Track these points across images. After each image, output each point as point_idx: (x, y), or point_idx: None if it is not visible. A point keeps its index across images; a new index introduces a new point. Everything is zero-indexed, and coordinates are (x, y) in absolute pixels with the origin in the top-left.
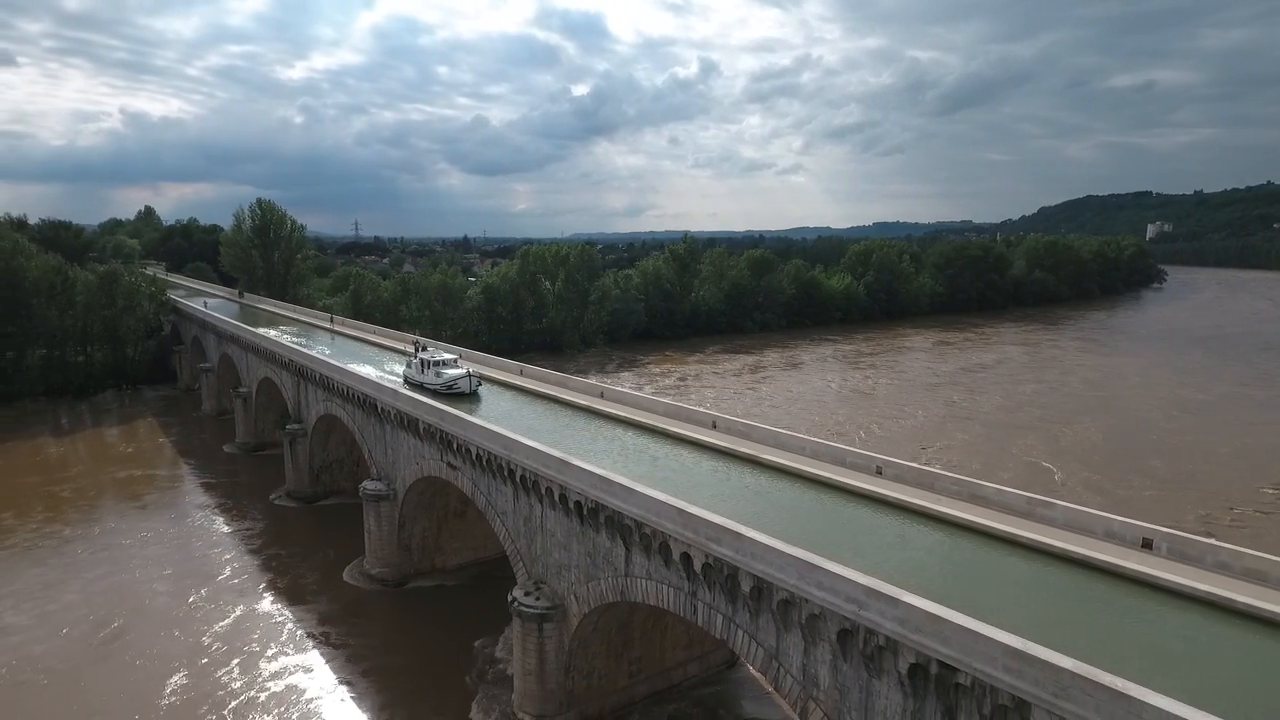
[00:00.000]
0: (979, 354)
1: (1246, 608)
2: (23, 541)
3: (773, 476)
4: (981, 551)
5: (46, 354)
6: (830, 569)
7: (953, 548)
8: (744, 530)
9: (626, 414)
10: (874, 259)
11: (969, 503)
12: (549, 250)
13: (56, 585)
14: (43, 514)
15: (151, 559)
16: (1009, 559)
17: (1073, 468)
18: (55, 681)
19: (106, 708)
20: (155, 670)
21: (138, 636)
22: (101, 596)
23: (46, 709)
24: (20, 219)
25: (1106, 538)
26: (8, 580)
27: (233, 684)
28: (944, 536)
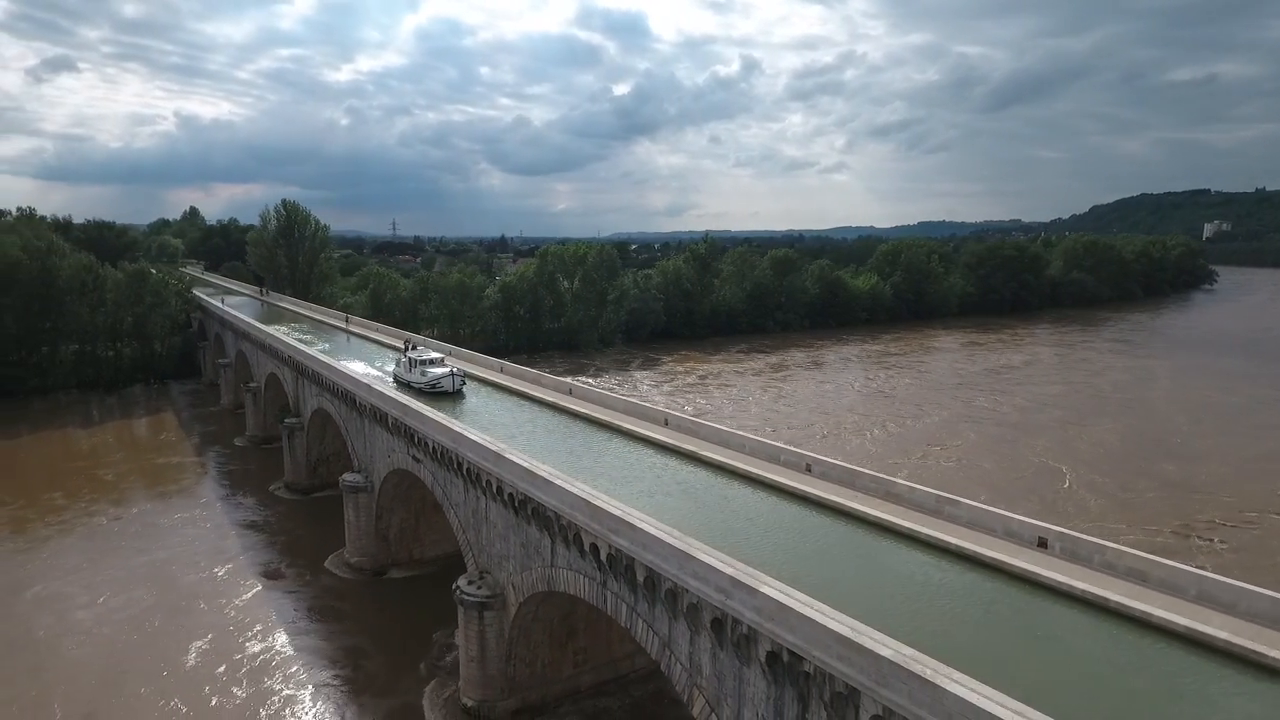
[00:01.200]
0: (1008, 355)
1: (1118, 606)
2: (72, 519)
3: (709, 472)
4: (879, 546)
5: (79, 349)
6: (702, 559)
7: (853, 543)
8: (636, 521)
9: (587, 410)
10: (902, 259)
11: (884, 500)
12: (567, 250)
13: (98, 561)
14: (89, 494)
15: (157, 543)
16: (906, 554)
17: (1082, 470)
18: (90, 642)
19: (129, 666)
20: (150, 640)
21: (138, 609)
22: (125, 573)
23: (80, 664)
24: (66, 219)
25: (1006, 536)
26: (60, 553)
27: (202, 660)
28: (847, 532)
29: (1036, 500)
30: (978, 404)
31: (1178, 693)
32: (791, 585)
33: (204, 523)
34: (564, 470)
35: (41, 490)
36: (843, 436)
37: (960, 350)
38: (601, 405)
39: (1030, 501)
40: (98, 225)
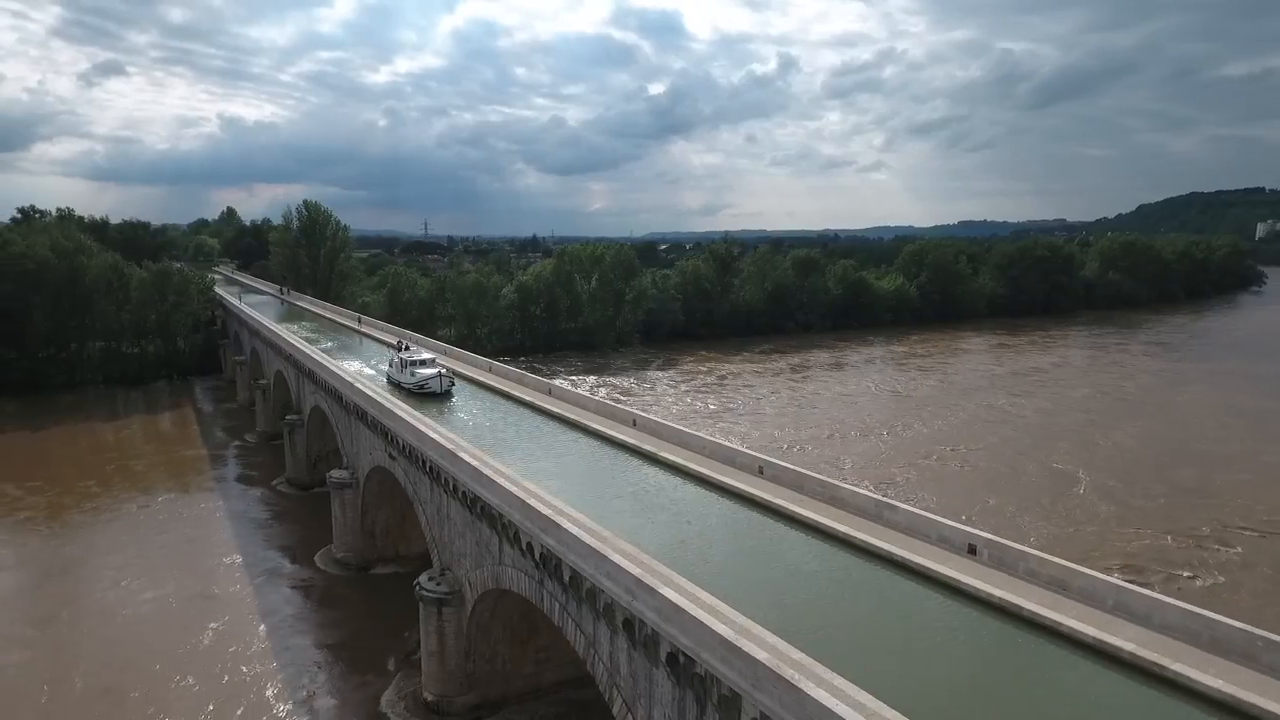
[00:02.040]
0: (1036, 358)
1: (1032, 614)
2: (102, 506)
3: (664, 473)
4: (811, 549)
5: (105, 346)
6: (613, 558)
7: (785, 546)
8: (562, 521)
9: (561, 410)
10: (928, 259)
11: (827, 503)
12: (585, 250)
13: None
14: (104, 485)
15: (167, 532)
16: (836, 558)
17: (1097, 475)
18: (103, 621)
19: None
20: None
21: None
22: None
23: (88, 637)
24: (103, 220)
25: (939, 542)
26: (86, 538)
27: (178, 648)
28: (782, 535)
29: (1045, 505)
30: (999, 407)
31: (1069, 702)
32: (707, 587)
33: (210, 515)
34: (523, 469)
35: (74, 479)
36: (854, 438)
37: (988, 352)
38: (576, 405)
39: (1038, 506)
40: (132, 225)
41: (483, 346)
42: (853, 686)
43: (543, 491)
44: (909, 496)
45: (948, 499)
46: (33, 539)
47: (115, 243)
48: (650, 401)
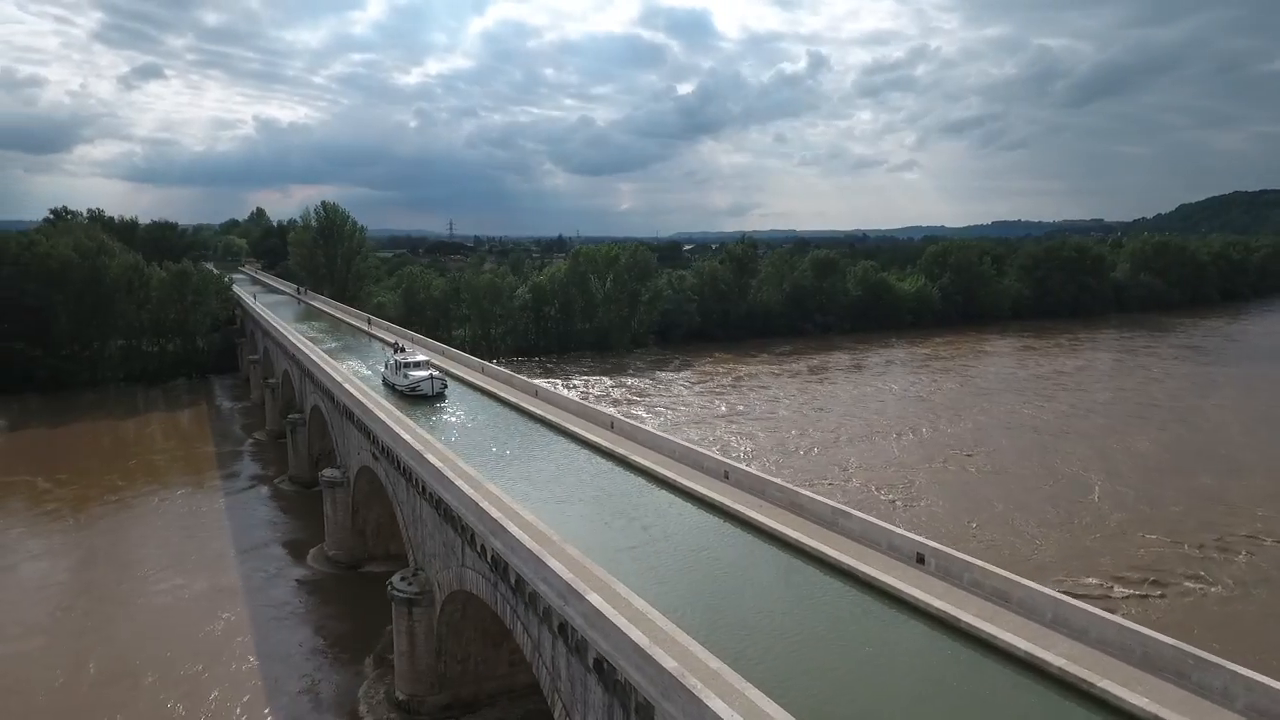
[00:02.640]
0: (1062, 361)
1: (968, 626)
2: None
3: (632, 477)
4: (765, 558)
5: (125, 344)
6: (548, 563)
7: (738, 553)
8: (508, 524)
9: (543, 411)
10: (951, 260)
11: (786, 510)
12: (600, 250)
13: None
14: (115, 479)
15: (161, 535)
16: (785, 566)
17: (1111, 481)
18: (123, 605)
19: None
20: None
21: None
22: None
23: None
24: (132, 220)
25: (889, 550)
26: (101, 530)
27: (163, 639)
28: (737, 542)
29: (1053, 511)
30: (1017, 410)
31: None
32: (647, 593)
33: (213, 510)
34: (490, 473)
35: (99, 472)
36: (865, 441)
37: (1011, 355)
38: (558, 408)
39: (1046, 512)
40: (160, 226)
41: (497, 347)
42: (764, 698)
43: (504, 494)
44: (915, 500)
45: (953, 503)
46: (57, 530)
47: (144, 243)
48: (665, 403)
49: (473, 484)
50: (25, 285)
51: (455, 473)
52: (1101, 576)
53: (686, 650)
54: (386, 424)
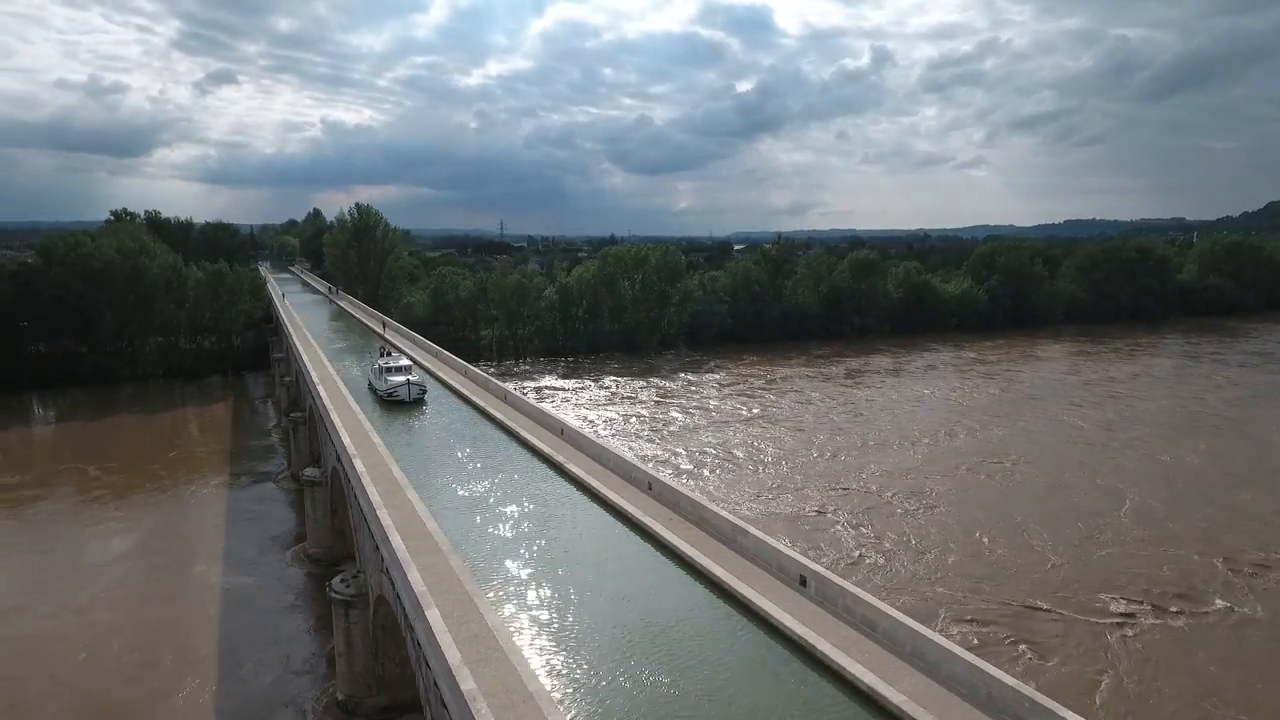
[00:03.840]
0: (1117, 367)
1: (824, 655)
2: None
3: (561, 485)
4: (650, 575)
5: (164, 341)
6: (409, 576)
7: (623, 570)
8: (392, 535)
9: (504, 416)
10: (1000, 261)
11: (694, 525)
12: (629, 251)
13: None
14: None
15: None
16: (665, 584)
17: (1145, 494)
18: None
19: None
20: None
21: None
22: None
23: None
24: (188, 221)
25: (776, 571)
26: (121, 519)
27: (128, 627)
28: (633, 555)
29: (1074, 523)
30: (1060, 417)
31: None
32: (506, 608)
33: (214, 504)
34: (426, 478)
35: (141, 462)
36: (893, 446)
37: (1062, 360)
38: (521, 413)
39: (1067, 525)
40: (214, 226)
41: (524, 347)
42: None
43: (420, 502)
44: (929, 509)
45: (968, 513)
46: (103, 515)
47: (198, 243)
48: (691, 405)
49: (386, 492)
50: (71, 285)
51: (374, 479)
52: (1108, 597)
53: (506, 670)
54: (337, 426)
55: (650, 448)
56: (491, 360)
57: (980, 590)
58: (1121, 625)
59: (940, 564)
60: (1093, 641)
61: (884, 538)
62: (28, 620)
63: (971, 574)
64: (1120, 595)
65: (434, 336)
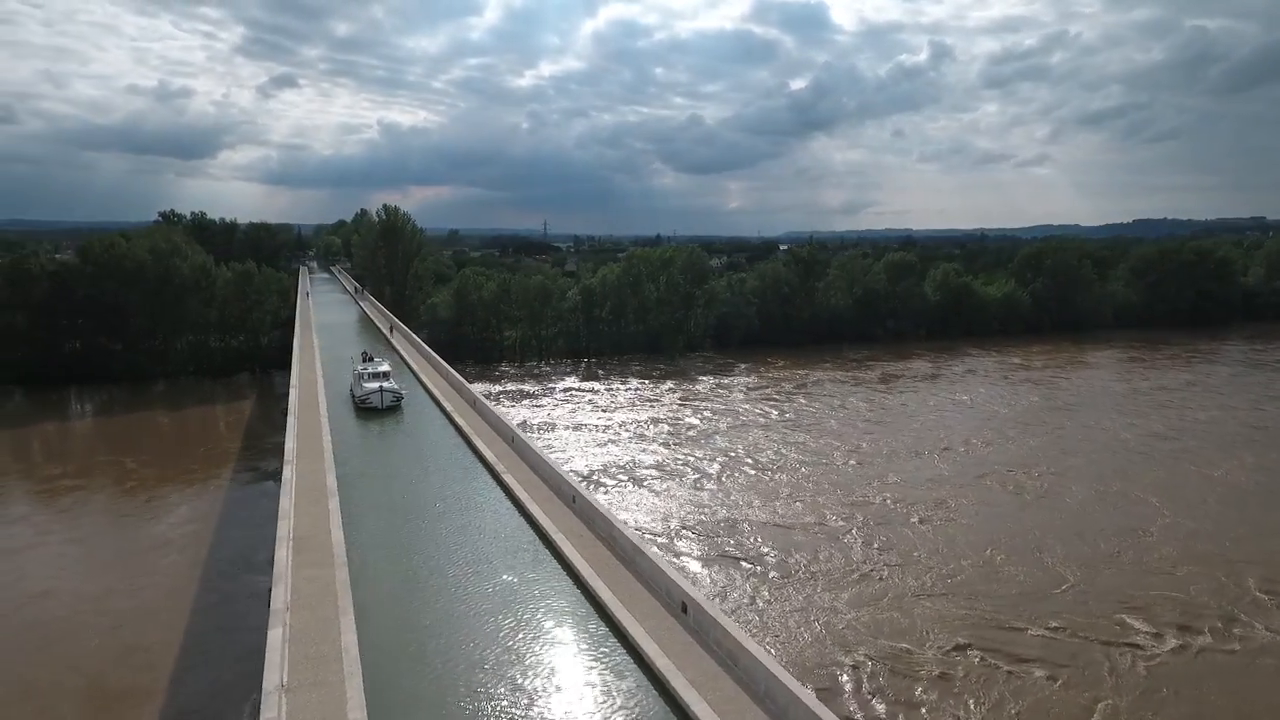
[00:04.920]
0: (1171, 374)
1: (675, 689)
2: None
3: (492, 494)
4: (536, 597)
5: (194, 340)
6: (275, 590)
7: (516, 590)
8: (280, 548)
9: (467, 422)
10: (1047, 263)
11: (601, 543)
12: (653, 252)
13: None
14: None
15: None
16: (549, 608)
17: (1181, 510)
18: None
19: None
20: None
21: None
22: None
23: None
24: (232, 221)
25: (664, 595)
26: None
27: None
28: (532, 572)
29: (1099, 543)
30: (1104, 428)
31: None
32: (381, 625)
33: (209, 502)
34: (356, 486)
35: (173, 457)
36: (917, 455)
37: (1111, 367)
38: (484, 420)
39: (1089, 544)
40: (257, 227)
41: (547, 348)
42: None
43: (335, 511)
44: (945, 521)
45: (986, 527)
46: (134, 506)
47: (241, 244)
48: (710, 408)
49: (311, 500)
50: (105, 284)
51: (303, 486)
52: (1118, 620)
53: (333, 697)
54: (288, 430)
55: (665, 452)
56: (514, 361)
57: (980, 608)
58: (1127, 650)
59: (941, 579)
60: (1093, 667)
61: (888, 550)
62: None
63: (975, 591)
64: (1132, 619)
65: (457, 337)
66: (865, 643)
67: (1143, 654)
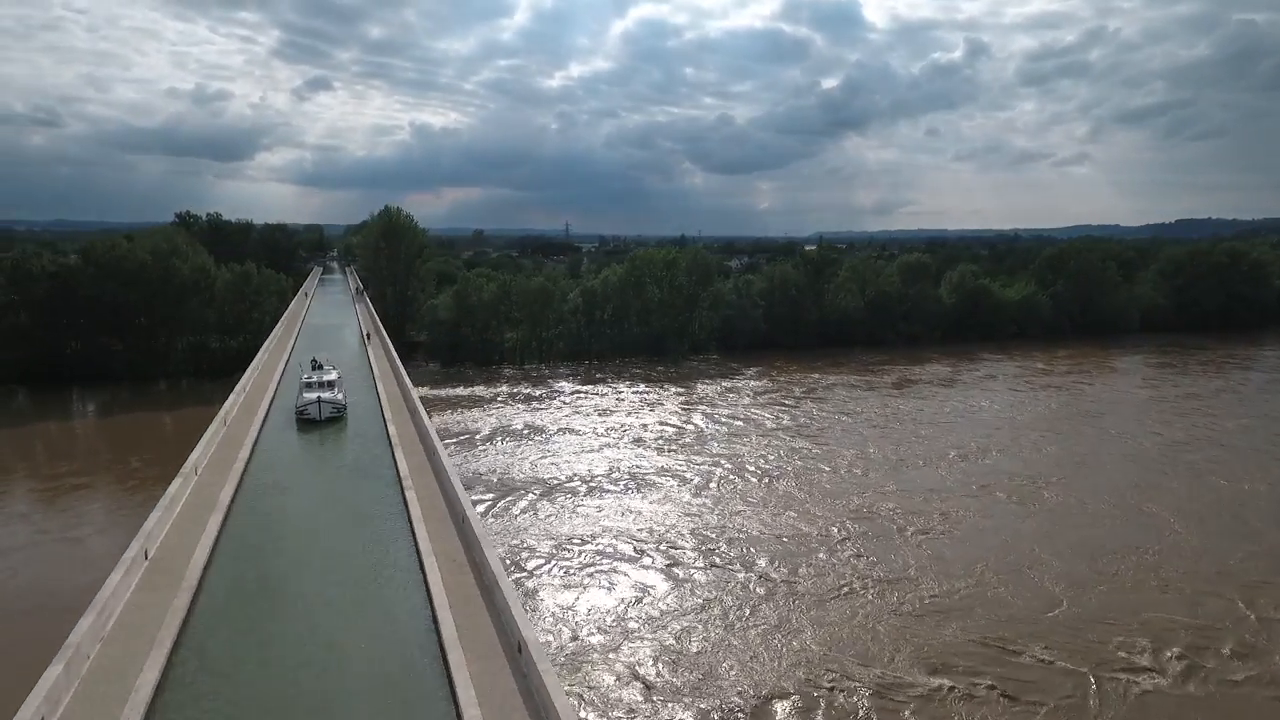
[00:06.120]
0: (1202, 382)
1: None
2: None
3: (385, 508)
4: (372, 634)
5: (194, 340)
6: (83, 620)
7: (352, 625)
8: (114, 574)
9: (395, 432)
10: (1070, 265)
11: (473, 569)
12: (657, 254)
13: None
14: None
15: None
16: (372, 643)
17: (1193, 525)
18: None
19: None
20: None
21: None
22: None
23: None
24: (247, 222)
25: (505, 634)
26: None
27: None
28: (384, 602)
29: (1099, 560)
30: (1123, 437)
31: None
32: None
33: None
34: (250, 500)
35: (173, 456)
36: (920, 464)
37: (1137, 373)
38: (408, 431)
39: (1087, 561)
40: (273, 228)
41: (548, 350)
42: None
43: (213, 529)
44: (938, 534)
45: (980, 540)
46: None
47: (256, 244)
48: (707, 412)
49: (192, 516)
50: (106, 285)
51: (187, 501)
52: (1105, 645)
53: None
54: (203, 439)
55: (658, 458)
56: (515, 363)
57: (958, 628)
58: (1109, 680)
59: (921, 597)
60: (1081, 695)
61: (877, 565)
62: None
63: (958, 608)
64: (1120, 645)
65: (457, 339)
66: (835, 665)
67: (1135, 683)
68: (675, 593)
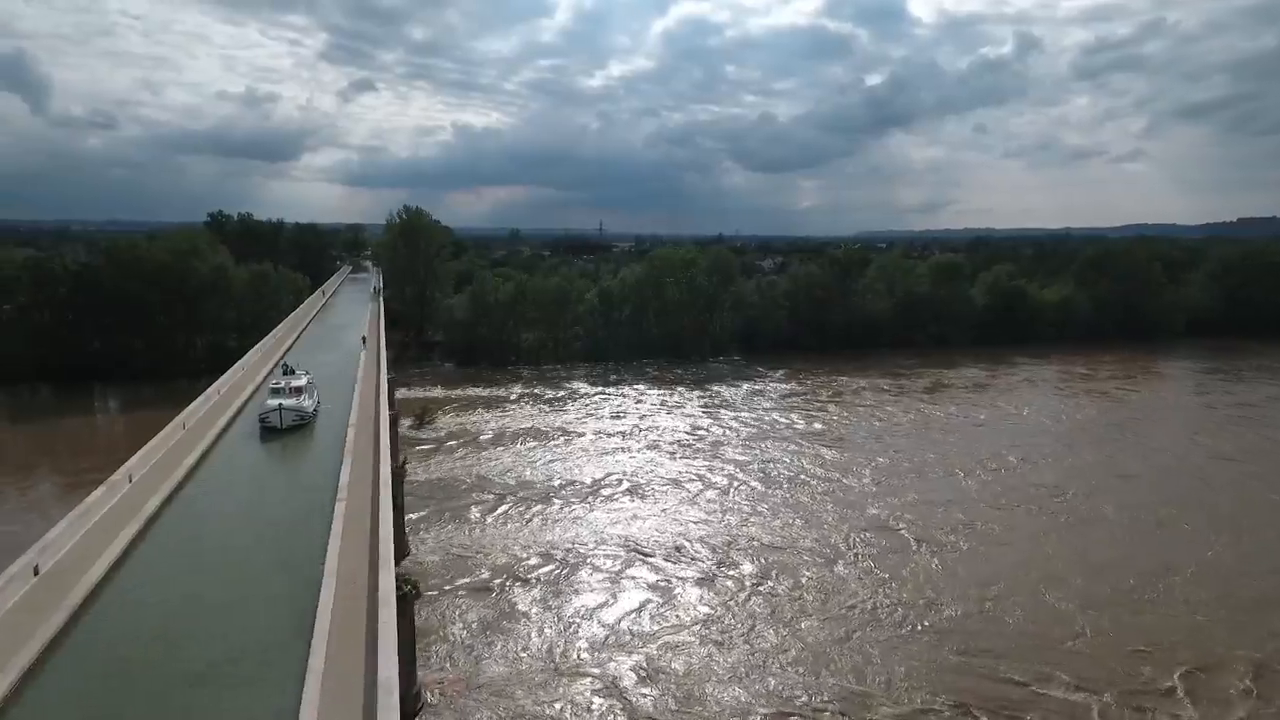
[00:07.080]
0: (1256, 389)
1: None
2: None
3: (312, 528)
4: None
5: (212, 340)
6: None
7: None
8: None
9: (353, 443)
10: (1112, 266)
11: (365, 597)
12: (676, 254)
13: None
14: None
15: None
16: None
17: (1230, 546)
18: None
19: None
20: None
21: None
22: None
23: None
24: (278, 222)
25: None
26: None
27: None
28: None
29: (1124, 583)
30: (1163, 448)
31: None
32: None
33: None
34: (182, 508)
35: None
36: (942, 474)
37: (1183, 379)
38: (371, 441)
39: (1109, 584)
40: (303, 228)
41: (564, 351)
42: None
43: (125, 538)
44: (953, 550)
45: (996, 558)
46: None
47: (287, 243)
48: (733, 416)
49: (113, 525)
50: (127, 285)
51: (114, 508)
52: (1119, 676)
53: None
54: (153, 443)
55: (671, 463)
56: (531, 364)
57: (960, 656)
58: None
59: (923, 621)
60: None
61: (888, 583)
62: None
63: (962, 631)
64: (1137, 676)
65: (474, 339)
66: (829, 690)
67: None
68: (672, 606)
